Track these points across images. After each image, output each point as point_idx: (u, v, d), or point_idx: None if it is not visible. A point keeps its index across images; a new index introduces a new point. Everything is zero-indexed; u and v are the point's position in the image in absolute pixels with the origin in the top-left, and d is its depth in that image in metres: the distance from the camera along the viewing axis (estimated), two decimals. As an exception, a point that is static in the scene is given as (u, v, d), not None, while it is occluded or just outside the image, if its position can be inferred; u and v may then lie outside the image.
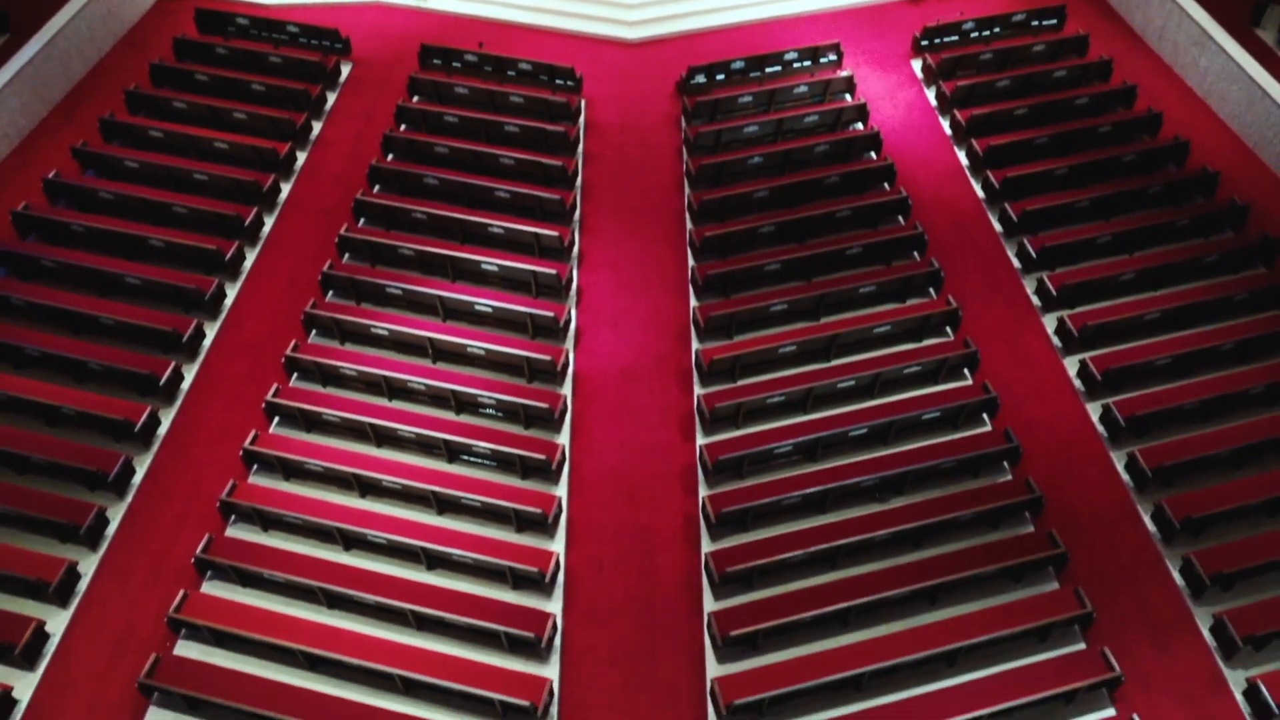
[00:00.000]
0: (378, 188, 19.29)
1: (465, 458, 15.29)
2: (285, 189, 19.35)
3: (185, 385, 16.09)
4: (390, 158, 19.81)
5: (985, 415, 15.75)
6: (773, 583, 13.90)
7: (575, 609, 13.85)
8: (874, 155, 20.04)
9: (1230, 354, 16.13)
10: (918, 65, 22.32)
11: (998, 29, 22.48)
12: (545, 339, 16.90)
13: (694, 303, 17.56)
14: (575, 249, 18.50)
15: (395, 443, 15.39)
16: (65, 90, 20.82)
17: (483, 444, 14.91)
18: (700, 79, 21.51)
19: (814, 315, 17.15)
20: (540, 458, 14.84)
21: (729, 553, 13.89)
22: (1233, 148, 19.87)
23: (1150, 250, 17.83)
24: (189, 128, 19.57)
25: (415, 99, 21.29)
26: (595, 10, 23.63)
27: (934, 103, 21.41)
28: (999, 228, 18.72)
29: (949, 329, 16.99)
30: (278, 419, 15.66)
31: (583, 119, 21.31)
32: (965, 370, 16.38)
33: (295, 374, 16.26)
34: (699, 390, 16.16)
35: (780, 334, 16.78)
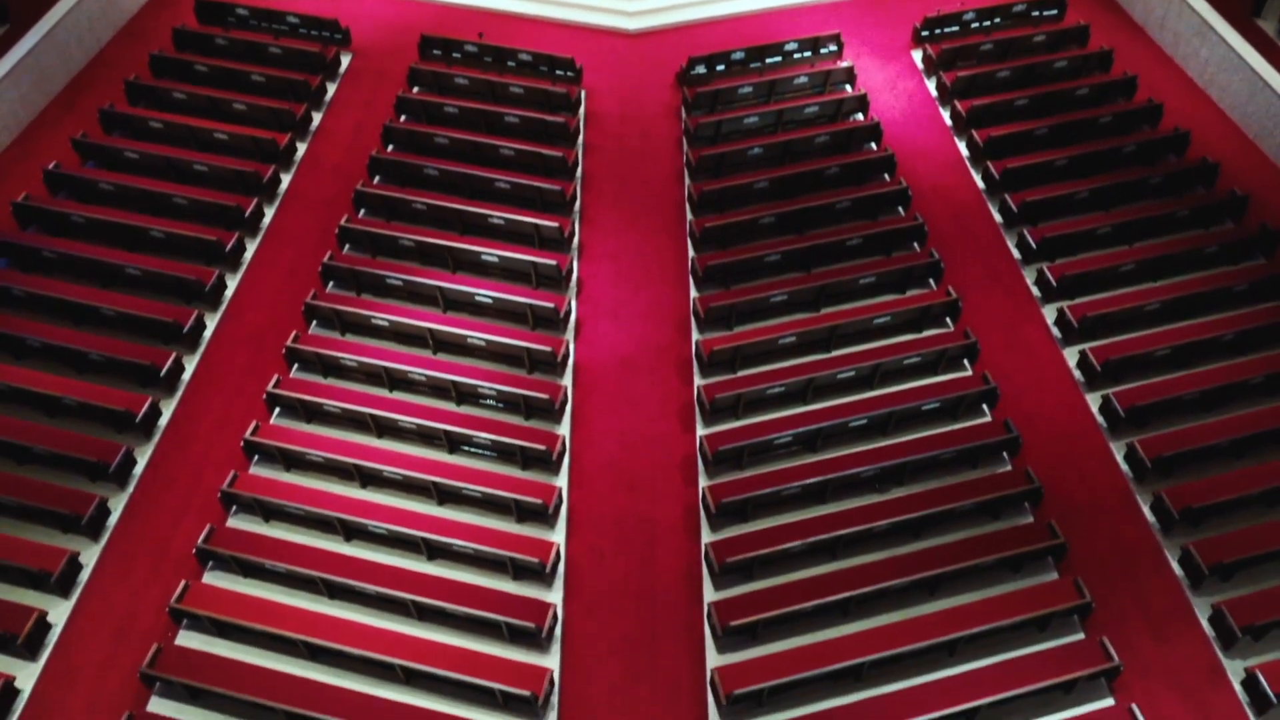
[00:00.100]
0: (378, 179, 19.28)
1: (466, 448, 15.31)
2: (285, 180, 19.34)
3: (186, 376, 16.11)
4: (390, 149, 19.80)
5: (985, 406, 15.77)
6: (773, 573, 13.92)
7: (576, 599, 13.88)
8: (874, 146, 20.03)
9: (1230, 345, 16.14)
10: (918, 56, 22.29)
11: (998, 19, 22.44)
12: (545, 330, 16.91)
13: (694, 293, 17.56)
14: (575, 240, 18.50)
15: (396, 433, 15.41)
16: (65, 81, 20.79)
17: (483, 434, 14.93)
18: (700, 70, 21.48)
19: (814, 306, 17.16)
20: (541, 448, 14.86)
21: (729, 543, 13.92)
22: (1233, 138, 19.86)
23: (1150, 241, 17.82)
24: (189, 119, 19.55)
25: (415, 90, 21.27)
26: (595, 0, 23.58)
27: (934, 93, 21.39)
28: (999, 218, 18.72)
29: (949, 320, 17.00)
30: (278, 410, 15.68)
31: (583, 110, 21.29)
32: (965, 361, 16.39)
33: (296, 365, 16.27)
34: (699, 381, 16.18)
35: (780, 325, 16.80)
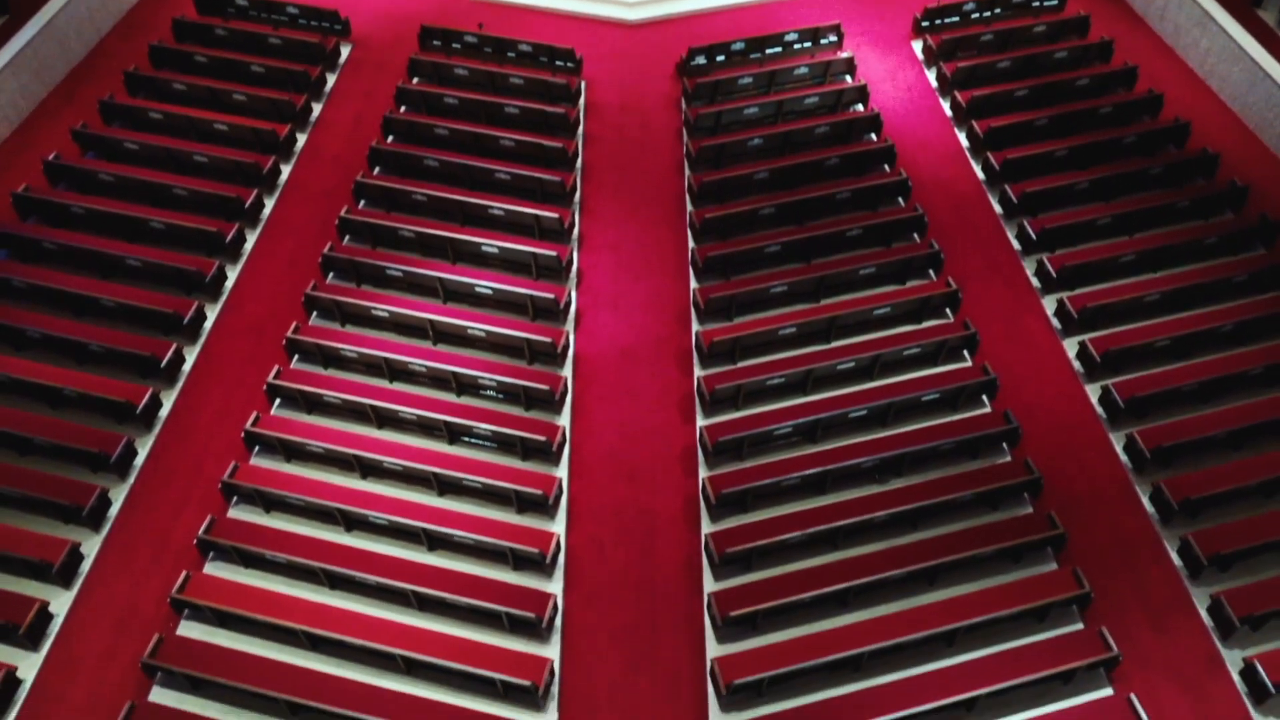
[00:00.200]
0: (378, 169, 19.27)
1: (466, 439, 15.33)
2: (285, 171, 19.33)
3: (186, 367, 16.12)
4: (390, 139, 19.78)
5: (984, 397, 15.78)
6: (772, 563, 13.96)
7: (576, 589, 13.92)
8: (874, 137, 20.01)
9: (1229, 335, 16.15)
10: (918, 46, 22.26)
11: (998, 10, 22.40)
12: (545, 321, 16.92)
13: (694, 284, 17.57)
14: (575, 231, 18.50)
15: (396, 424, 15.43)
16: (64, 72, 20.77)
17: (483, 425, 14.94)
18: (700, 60, 21.45)
19: (814, 297, 17.16)
20: (541, 439, 14.87)
21: (729, 534, 13.95)
22: (1233, 129, 19.85)
23: (1150, 232, 17.83)
24: (189, 109, 19.53)
25: (415, 80, 21.25)
26: (595, -9, 23.60)
27: (934, 84, 21.37)
28: (999, 209, 18.72)
29: (949, 311, 17.00)
30: (279, 401, 15.70)
31: (583, 100, 21.27)
32: (965, 352, 16.40)
33: (296, 356, 16.29)
34: (699, 372, 16.19)
35: (780, 316, 16.79)
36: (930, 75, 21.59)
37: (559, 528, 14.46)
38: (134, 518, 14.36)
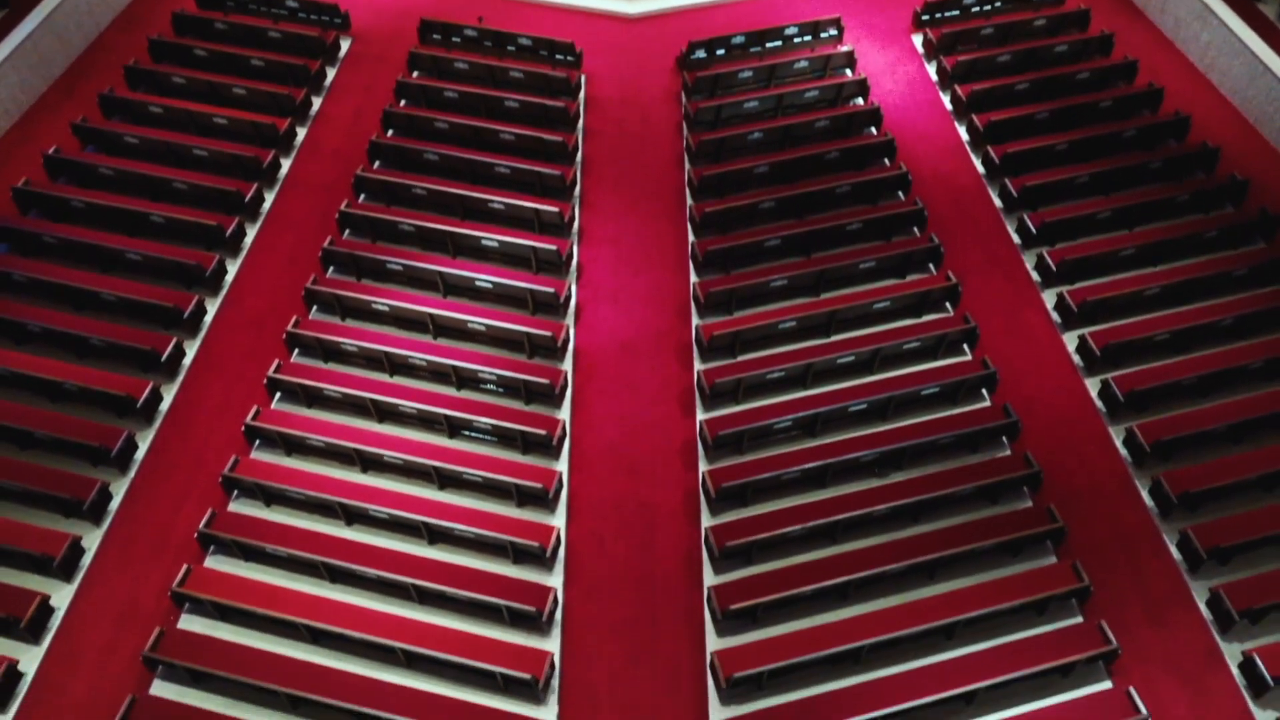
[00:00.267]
0: (378, 163, 19.26)
1: (466, 433, 15.34)
2: (285, 165, 19.32)
3: (187, 361, 16.13)
4: (390, 133, 19.77)
5: (984, 390, 15.79)
6: (772, 557, 13.98)
7: (576, 583, 13.94)
8: (874, 130, 20.00)
9: (1229, 329, 16.16)
10: (918, 40, 22.24)
11: (998, 3, 22.38)
12: (546, 314, 16.92)
13: (694, 278, 17.57)
14: (575, 224, 18.50)
15: (396, 418, 15.44)
16: (64, 66, 20.74)
17: (484, 419, 14.95)
18: (700, 54, 21.43)
19: (814, 291, 17.17)
20: (541, 433, 14.89)
21: (729, 527, 13.97)
22: (1233, 123, 19.83)
23: (1150, 225, 17.83)
24: (189, 103, 19.52)
25: (415, 74, 21.23)
26: (595, -15, 23.58)
27: (934, 78, 21.35)
28: (999, 203, 18.71)
29: (948, 304, 17.01)
30: (279, 395, 15.71)
31: (583, 94, 21.26)
32: (964, 345, 16.41)
33: (296, 350, 16.29)
34: (699, 365, 16.20)
35: (780, 309, 16.80)
36: (930, 69, 21.57)
37: (559, 521, 14.48)
38: (135, 511, 14.38)
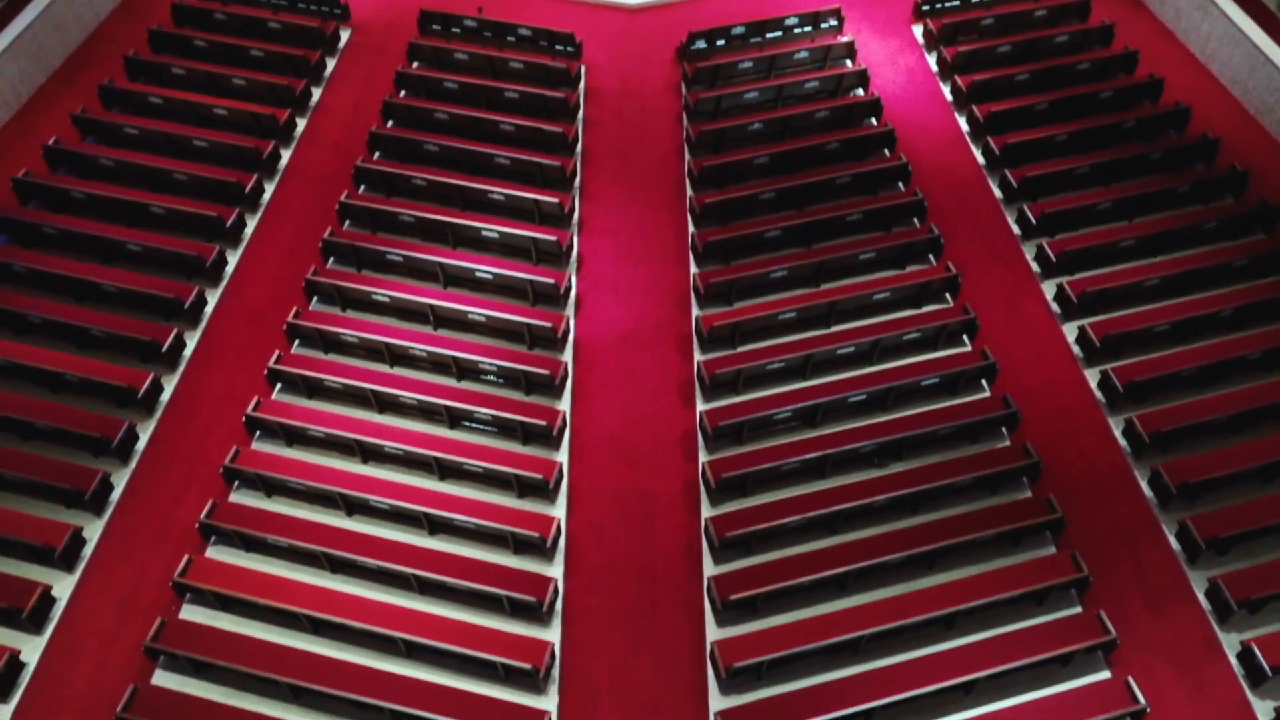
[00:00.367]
0: (378, 154, 19.25)
1: (466, 424, 15.36)
2: (285, 156, 19.31)
3: (188, 352, 16.14)
4: (390, 124, 19.75)
5: (984, 381, 15.80)
6: (772, 547, 14.00)
7: (576, 573, 13.97)
8: (874, 121, 19.98)
9: (1228, 320, 16.16)
10: (919, 30, 22.20)
11: (999, -6, 22.38)
12: (546, 305, 16.93)
13: (694, 269, 17.58)
14: (575, 215, 18.49)
15: (397, 409, 15.46)
16: (64, 57, 20.72)
17: (484, 410, 14.97)
18: (701, 44, 21.41)
19: (814, 281, 17.17)
20: (541, 424, 14.90)
21: (729, 517, 13.99)
22: (1234, 113, 19.81)
23: (1150, 216, 17.81)
24: (188, 94, 19.50)
25: (415, 65, 21.20)
26: (595, -25, 23.53)
27: (935, 68, 21.32)
28: (999, 194, 18.70)
29: (948, 295, 17.01)
30: (280, 385, 15.72)
31: (583, 85, 21.23)
32: (964, 336, 16.42)
33: (297, 340, 16.31)
34: (699, 356, 16.21)
35: (780, 300, 16.80)
36: (930, 59, 21.54)
37: (559, 512, 14.50)
38: (136, 502, 14.40)
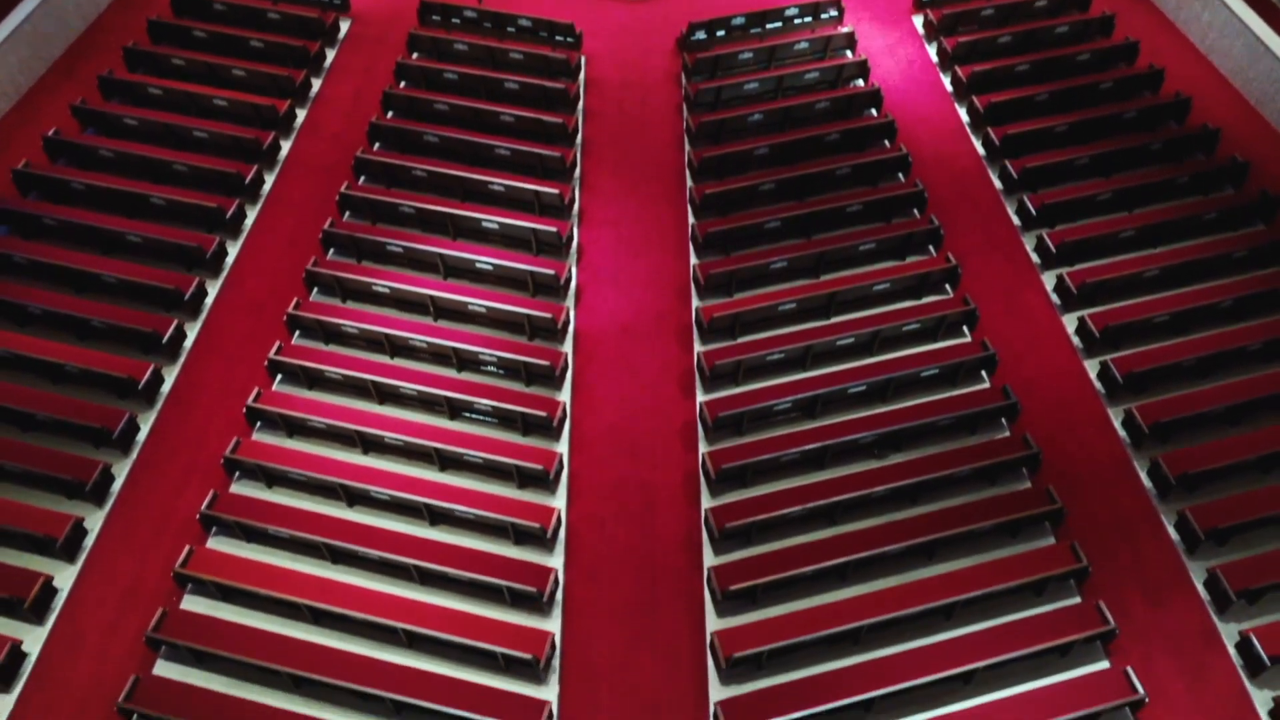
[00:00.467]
0: (378, 145, 19.24)
1: (467, 414, 15.38)
2: (285, 147, 19.30)
3: (188, 343, 16.15)
4: (390, 115, 19.74)
5: (984, 372, 15.82)
6: (772, 538, 14.02)
7: (576, 564, 13.99)
8: (874, 112, 19.97)
9: (1228, 311, 16.16)
10: (919, 21, 22.17)
11: (1000, -16, 22.32)
12: (546, 296, 16.93)
13: (694, 260, 17.57)
14: (575, 206, 18.49)
15: (397, 400, 15.47)
16: (64, 47, 20.68)
17: (484, 401, 14.99)
18: (701, 35, 21.38)
19: (814, 273, 17.17)
20: (541, 414, 14.92)
21: (729, 508, 14.01)
22: (1234, 104, 19.79)
23: (1150, 207, 17.81)
24: (188, 85, 19.48)
25: (414, 56, 21.18)
26: (595, -35, 23.46)
27: (935, 59, 21.30)
28: (999, 185, 18.70)
29: (948, 286, 17.01)
30: (280, 376, 15.74)
31: (583, 75, 21.21)
32: (964, 327, 16.43)
33: (297, 331, 16.32)
34: (699, 347, 16.22)
35: (780, 291, 16.82)
36: (931, 50, 21.52)
37: (560, 503, 14.52)
38: (137, 493, 14.42)
